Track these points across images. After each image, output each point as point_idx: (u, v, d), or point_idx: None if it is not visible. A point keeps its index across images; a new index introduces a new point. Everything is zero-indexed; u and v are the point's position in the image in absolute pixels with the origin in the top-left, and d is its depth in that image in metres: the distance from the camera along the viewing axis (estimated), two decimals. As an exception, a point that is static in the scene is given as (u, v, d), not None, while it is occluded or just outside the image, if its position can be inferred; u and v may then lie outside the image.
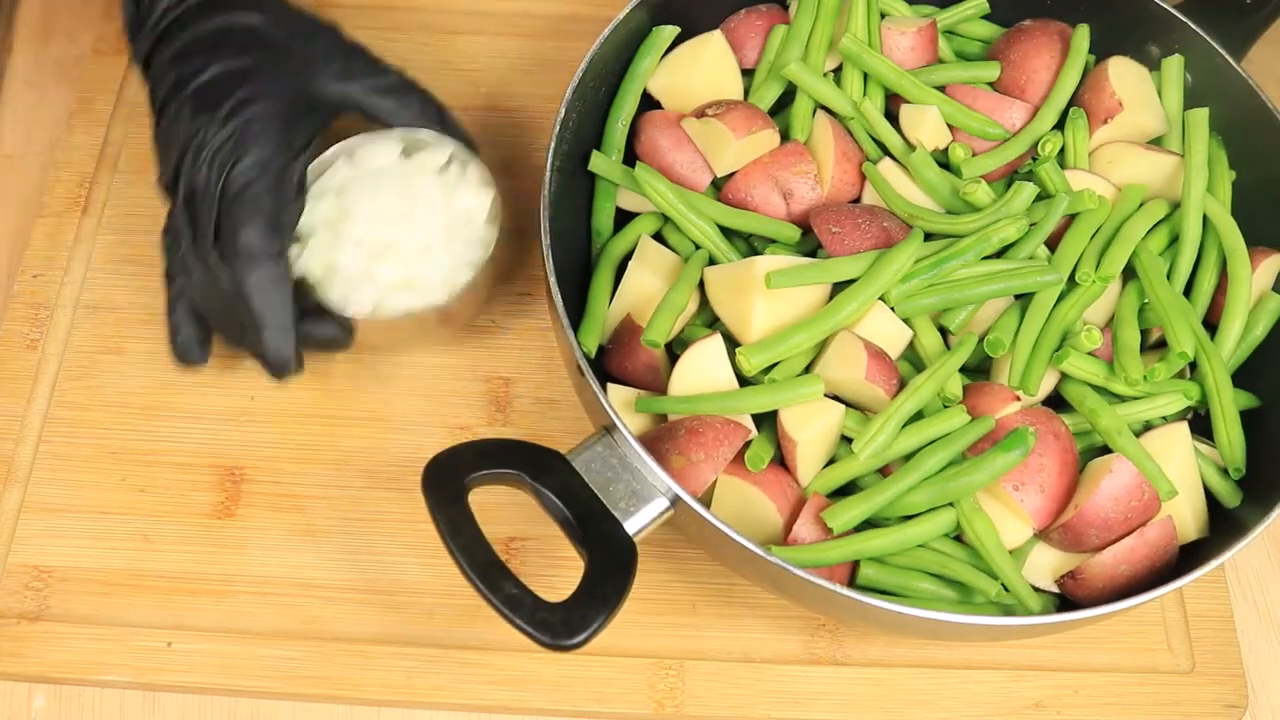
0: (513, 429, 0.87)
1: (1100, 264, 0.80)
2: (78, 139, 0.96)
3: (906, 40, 0.87)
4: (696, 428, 0.73)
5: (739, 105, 0.82)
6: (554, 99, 0.81)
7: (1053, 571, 0.75)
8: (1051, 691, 0.80)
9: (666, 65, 0.87)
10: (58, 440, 0.85)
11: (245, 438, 0.86)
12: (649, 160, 0.84)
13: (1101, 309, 0.81)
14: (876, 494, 0.73)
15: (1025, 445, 0.72)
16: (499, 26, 1.03)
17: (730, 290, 0.78)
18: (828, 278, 0.77)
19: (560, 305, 0.73)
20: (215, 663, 0.78)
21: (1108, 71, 0.86)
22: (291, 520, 0.83)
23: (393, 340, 0.87)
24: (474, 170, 0.86)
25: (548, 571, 0.82)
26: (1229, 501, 0.77)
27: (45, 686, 0.79)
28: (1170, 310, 0.77)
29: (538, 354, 0.90)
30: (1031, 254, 0.80)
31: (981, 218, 0.79)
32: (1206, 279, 0.82)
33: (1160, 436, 0.77)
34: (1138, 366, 0.76)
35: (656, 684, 0.79)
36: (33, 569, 0.81)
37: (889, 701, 0.80)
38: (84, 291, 0.90)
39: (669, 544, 0.82)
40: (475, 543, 0.67)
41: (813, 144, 0.84)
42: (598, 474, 0.70)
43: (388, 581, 0.82)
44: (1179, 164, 0.84)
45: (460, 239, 0.83)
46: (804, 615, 0.82)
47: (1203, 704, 0.80)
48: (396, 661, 0.79)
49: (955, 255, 0.77)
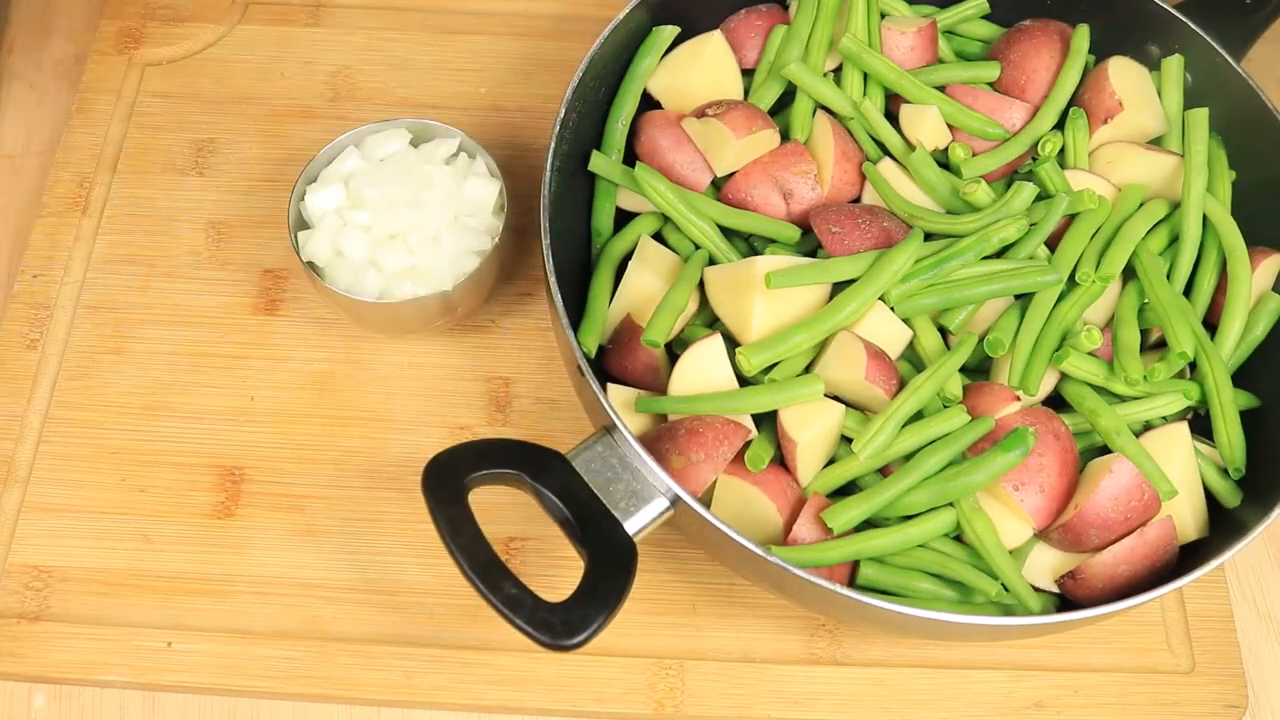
0: (513, 429, 0.87)
1: (1100, 264, 0.80)
2: (78, 139, 0.96)
3: (906, 40, 0.87)
4: (696, 428, 0.73)
5: (739, 105, 0.82)
6: (554, 99, 0.81)
7: (1053, 571, 0.75)
8: (1051, 691, 0.80)
9: (666, 65, 0.87)
10: (58, 440, 0.85)
11: (245, 438, 0.86)
12: (649, 160, 0.84)
13: (1101, 309, 0.81)
14: (876, 494, 0.73)
15: (1025, 445, 0.72)
16: (499, 26, 1.03)
17: (730, 290, 0.78)
18: (828, 278, 0.77)
19: (560, 305, 0.73)
20: (215, 663, 0.78)
21: (1108, 71, 0.86)
22: (291, 520, 0.83)
23: (394, 326, 0.88)
24: (481, 160, 0.86)
25: (548, 571, 0.82)
26: (1229, 501, 0.77)
27: (45, 686, 0.79)
28: (1170, 310, 0.77)
29: (538, 354, 0.90)
30: (1031, 254, 0.80)
31: (981, 218, 0.79)
32: (1206, 279, 0.82)
33: (1160, 436, 0.77)
34: (1138, 366, 0.76)
35: (656, 684, 0.79)
36: (33, 569, 0.81)
37: (889, 701, 0.80)
38: (84, 291, 0.90)
39: (669, 544, 0.82)
40: (475, 543, 0.67)
41: (813, 144, 0.84)
42: (598, 474, 0.70)
43: (388, 581, 0.82)
44: (1179, 164, 0.84)
45: (467, 228, 0.84)
46: (804, 615, 0.82)
47: (1203, 704, 0.80)
48: (396, 661, 0.79)
49: (955, 255, 0.77)
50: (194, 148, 0.96)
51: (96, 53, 1.00)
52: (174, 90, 0.99)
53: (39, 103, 1.01)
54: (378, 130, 0.87)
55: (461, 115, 0.98)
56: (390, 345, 0.89)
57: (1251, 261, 0.80)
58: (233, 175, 0.95)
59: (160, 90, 0.99)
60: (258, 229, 0.93)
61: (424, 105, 0.99)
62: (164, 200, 0.94)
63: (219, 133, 0.97)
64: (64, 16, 1.05)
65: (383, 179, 0.84)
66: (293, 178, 0.90)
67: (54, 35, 1.04)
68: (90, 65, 0.99)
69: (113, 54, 1.00)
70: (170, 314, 0.90)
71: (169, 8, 1.02)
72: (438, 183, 0.85)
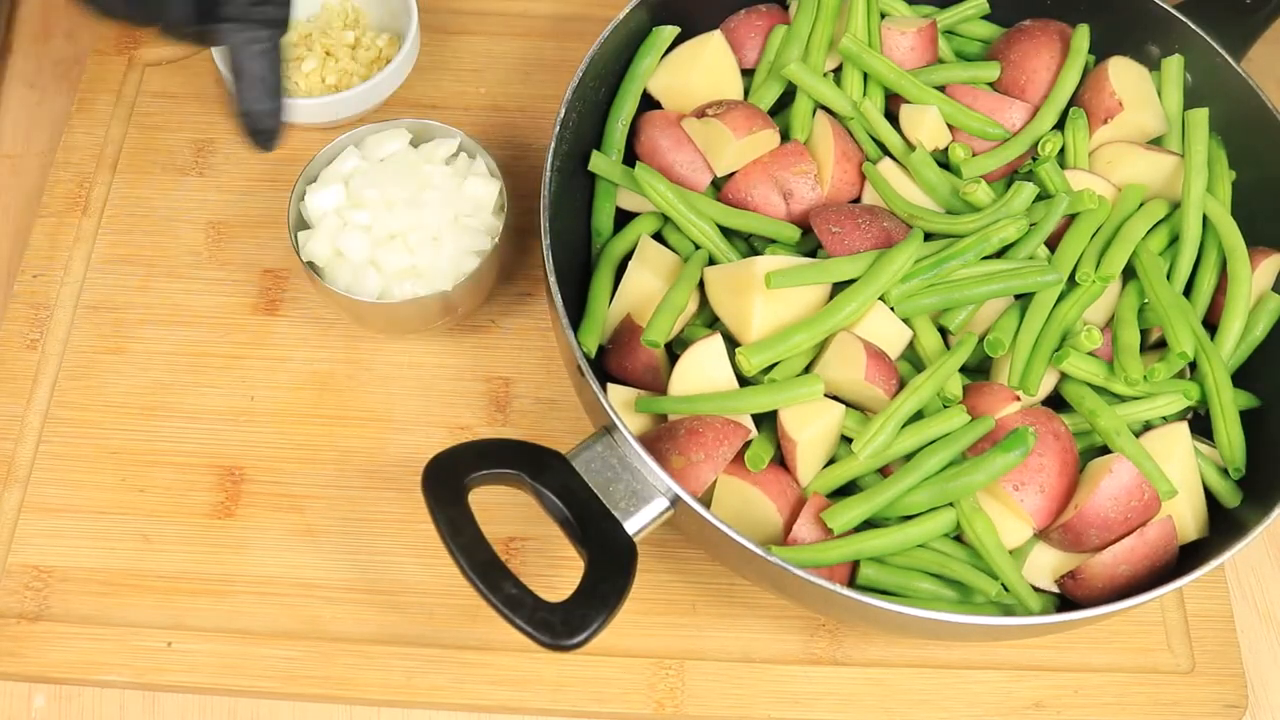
0: (513, 429, 0.87)
1: (1100, 264, 0.80)
2: (78, 139, 0.96)
3: (906, 40, 0.87)
4: (696, 428, 0.73)
5: (739, 105, 0.82)
6: (554, 99, 0.81)
7: (1053, 571, 0.75)
8: (1051, 691, 0.80)
9: (666, 65, 0.87)
10: (58, 440, 0.85)
11: (245, 438, 0.86)
12: (649, 160, 0.84)
13: (1101, 309, 0.81)
14: (876, 494, 0.73)
15: (1025, 445, 0.72)
16: (499, 26, 1.03)
17: (730, 290, 0.78)
18: (827, 278, 0.77)
19: (560, 305, 0.73)
20: (215, 663, 0.78)
21: (1108, 71, 0.86)
22: (291, 520, 0.83)
23: (394, 325, 0.88)
24: (481, 160, 0.87)
25: (548, 571, 0.82)
26: (1229, 501, 0.77)
27: (45, 686, 0.79)
28: (1170, 310, 0.77)
29: (538, 354, 0.90)
30: (1032, 254, 0.80)
31: (981, 218, 0.79)
32: (1206, 279, 0.82)
33: (1160, 436, 0.77)
34: (1138, 366, 0.76)
35: (656, 684, 0.79)
36: (33, 569, 0.81)
37: (889, 701, 0.80)
38: (84, 291, 0.90)
39: (669, 544, 0.82)
40: (475, 543, 0.67)
41: (813, 144, 0.84)
42: (598, 474, 0.70)
43: (388, 581, 0.82)
44: (1179, 164, 0.84)
45: (466, 228, 0.84)
46: (804, 615, 0.82)
47: (1203, 704, 0.80)
48: (396, 661, 0.79)
49: (955, 255, 0.77)
50: (194, 148, 0.96)
51: (96, 53, 1.00)
52: (174, 90, 0.99)
53: (39, 103, 1.01)
54: (378, 130, 0.87)
55: (461, 115, 0.98)
56: (390, 345, 0.89)
57: (1251, 261, 0.80)
58: (233, 175, 0.95)
59: (160, 90, 0.99)
60: (258, 229, 0.93)
61: (424, 105, 0.99)
62: (164, 200, 0.94)
63: (219, 133, 0.97)
64: (64, 16, 1.05)
65: (382, 179, 0.84)
66: (292, 178, 0.90)
67: (54, 35, 1.04)
68: (90, 65, 0.99)
69: (113, 54, 1.00)
70: (170, 314, 0.90)
71: (169, 8, 1.02)
72: (437, 183, 0.85)
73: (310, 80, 0.95)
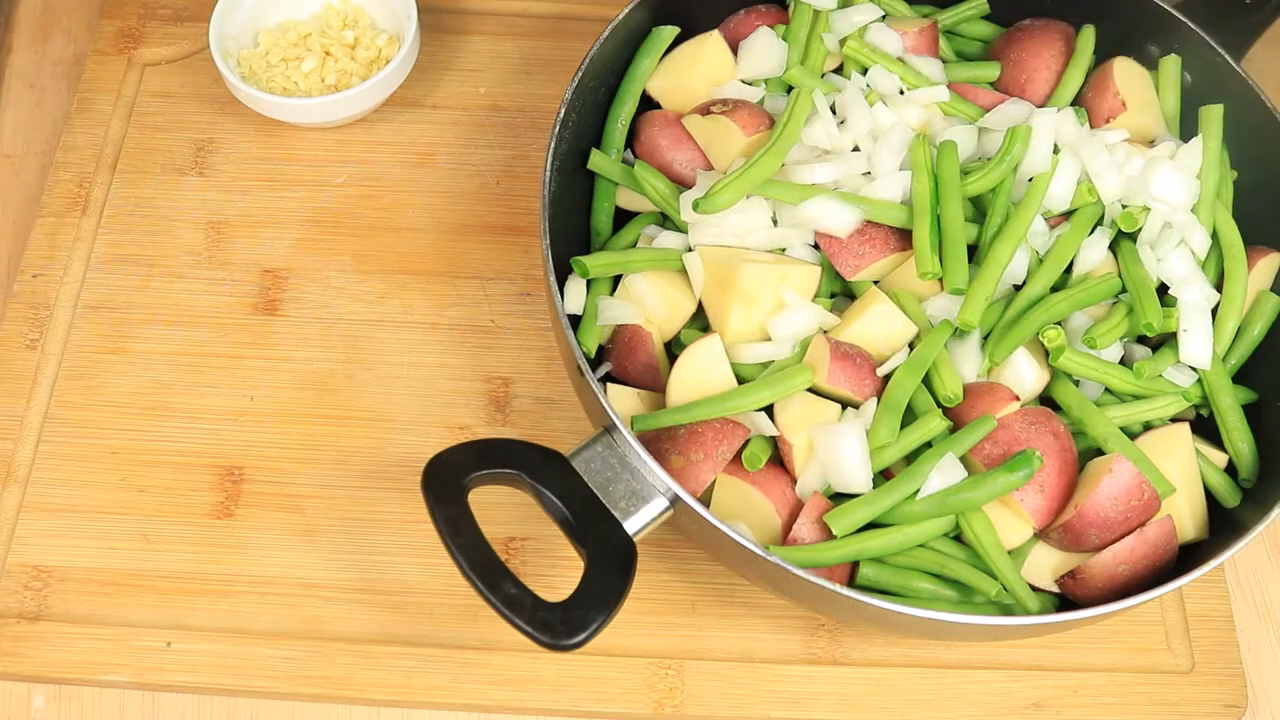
0: (513, 429, 0.87)
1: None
2: (78, 139, 0.96)
3: (907, 40, 0.87)
4: (696, 428, 0.73)
5: (745, 104, 0.82)
6: (554, 99, 0.81)
7: (1053, 571, 0.75)
8: (1051, 691, 0.80)
9: (666, 65, 0.87)
10: (58, 440, 0.85)
11: (245, 438, 0.86)
12: (648, 159, 0.84)
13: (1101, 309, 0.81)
14: (879, 498, 0.72)
15: (1030, 468, 0.71)
16: (499, 26, 1.03)
17: (716, 283, 0.77)
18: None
19: (560, 305, 0.73)
20: (215, 663, 0.78)
21: (1113, 71, 0.86)
22: (291, 520, 0.83)
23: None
24: None
25: (548, 571, 0.82)
26: (1229, 501, 0.77)
27: (45, 686, 0.79)
28: (1140, 287, 0.77)
29: (538, 354, 0.90)
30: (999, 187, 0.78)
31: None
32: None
33: (1160, 436, 0.77)
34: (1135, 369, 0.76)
35: (656, 684, 0.79)
36: (33, 569, 0.81)
37: (889, 701, 0.80)
38: (84, 291, 0.90)
39: (669, 544, 0.82)
40: (475, 543, 0.67)
41: (812, 144, 0.84)
42: (598, 474, 0.70)
43: (388, 581, 0.82)
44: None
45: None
46: (804, 615, 0.82)
47: (1203, 704, 0.80)
48: (396, 661, 0.79)
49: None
50: (194, 148, 0.96)
51: (96, 53, 1.00)
52: (174, 90, 0.99)
53: (39, 103, 1.01)
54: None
55: (461, 115, 0.99)
56: (390, 345, 0.89)
57: (1249, 260, 0.80)
58: (233, 175, 0.95)
59: (160, 90, 0.99)
60: (258, 229, 0.93)
61: (424, 105, 0.99)
62: (164, 200, 0.94)
63: (219, 133, 0.97)
64: (64, 16, 1.05)
65: None
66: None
67: (54, 35, 1.04)
68: (90, 65, 0.99)
69: (112, 54, 1.00)
70: (170, 314, 0.90)
71: (169, 8, 1.02)
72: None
73: (310, 80, 0.95)
